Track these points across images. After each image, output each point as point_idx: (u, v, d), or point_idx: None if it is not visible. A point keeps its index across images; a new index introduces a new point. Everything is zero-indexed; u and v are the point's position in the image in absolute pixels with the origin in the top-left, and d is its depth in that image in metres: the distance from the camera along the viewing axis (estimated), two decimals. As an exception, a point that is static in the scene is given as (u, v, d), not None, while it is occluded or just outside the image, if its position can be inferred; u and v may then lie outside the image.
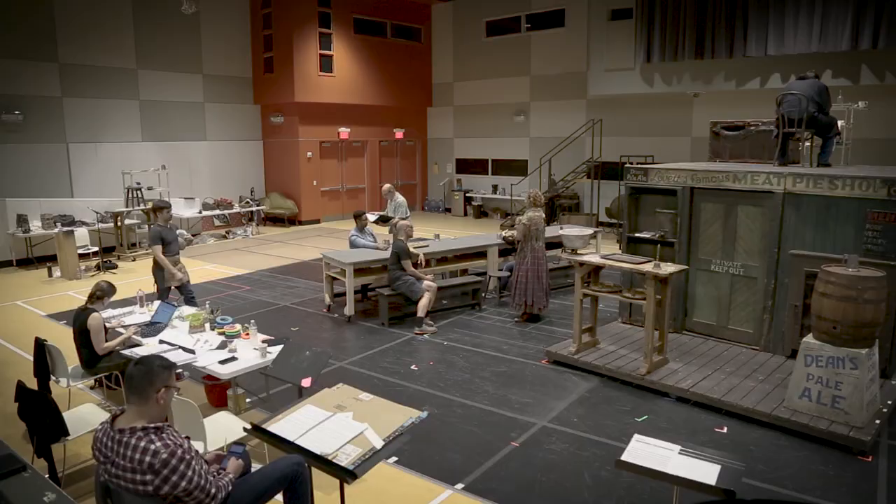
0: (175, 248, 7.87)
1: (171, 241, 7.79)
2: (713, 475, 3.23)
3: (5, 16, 13.13)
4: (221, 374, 5.07)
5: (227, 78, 17.53)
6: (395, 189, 10.99)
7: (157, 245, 7.64)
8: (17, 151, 13.45)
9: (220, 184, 17.44)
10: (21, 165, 13.51)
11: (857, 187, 6.21)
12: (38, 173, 13.81)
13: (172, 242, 7.81)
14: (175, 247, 7.87)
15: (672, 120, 16.29)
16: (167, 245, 7.70)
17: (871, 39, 12.19)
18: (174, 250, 7.83)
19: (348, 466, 3.06)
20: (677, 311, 7.58)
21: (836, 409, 5.24)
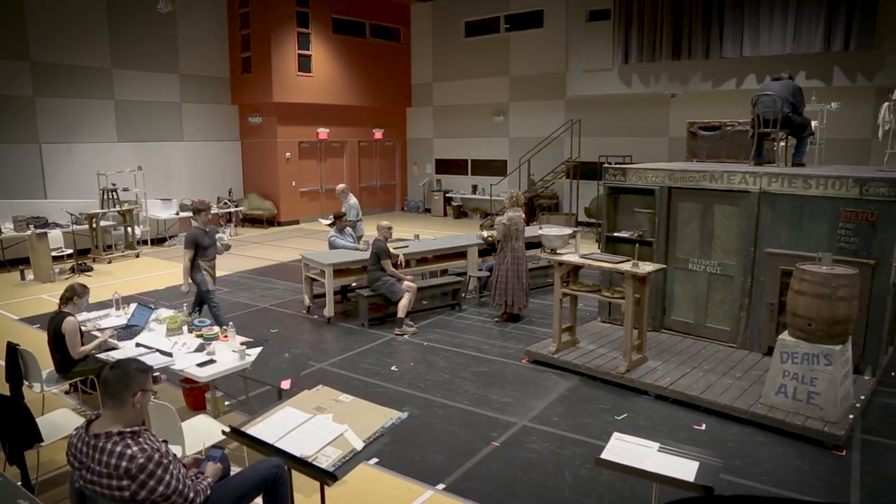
0: (212, 252, 7.57)
1: (208, 245, 7.52)
2: (692, 472, 3.26)
3: (-25, 14, 12.89)
4: (199, 377, 5.01)
5: (204, 78, 17.36)
6: (348, 190, 10.89)
7: (189, 250, 7.36)
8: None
9: (197, 185, 17.25)
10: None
11: (830, 186, 6.31)
12: (10, 174, 13.57)
13: (210, 247, 7.54)
14: (212, 252, 7.58)
15: (650, 120, 16.43)
16: (204, 249, 7.43)
17: (842, 41, 12.41)
18: (210, 255, 7.55)
19: (328, 468, 3.04)
20: (656, 310, 7.65)
21: (811, 405, 5.32)
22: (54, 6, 14.00)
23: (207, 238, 7.52)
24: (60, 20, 14.14)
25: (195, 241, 7.38)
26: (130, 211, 13.96)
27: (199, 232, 7.46)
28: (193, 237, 7.40)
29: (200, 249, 7.43)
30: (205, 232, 7.52)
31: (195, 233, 7.43)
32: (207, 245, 7.49)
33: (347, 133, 19.79)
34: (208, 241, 7.52)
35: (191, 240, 7.39)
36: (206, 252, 7.49)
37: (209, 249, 7.51)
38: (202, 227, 7.51)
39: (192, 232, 7.48)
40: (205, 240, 7.46)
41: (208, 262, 7.51)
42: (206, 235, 7.50)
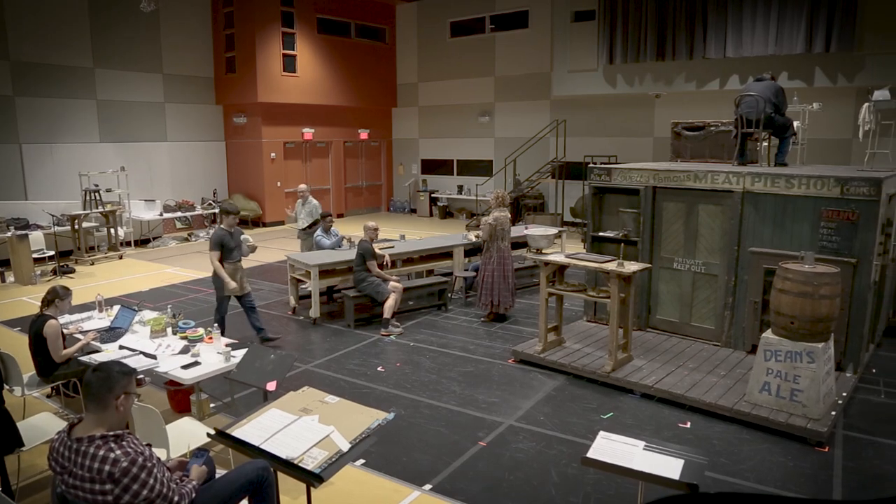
0: (237, 255, 7.42)
1: (234, 247, 7.36)
2: (677, 470, 3.28)
3: (-46, 13, 12.72)
4: (184, 380, 4.97)
5: (188, 78, 17.24)
6: (309, 192, 10.66)
7: (215, 251, 7.22)
8: (-32, 153, 13.04)
9: (181, 185, 17.13)
10: (-28, 167, 13.10)
11: (812, 186, 6.37)
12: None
13: (234, 249, 7.37)
14: (237, 254, 7.42)
15: (634, 120, 16.52)
16: (229, 251, 7.28)
17: (824, 43, 12.56)
18: (235, 257, 7.39)
19: (314, 470, 3.03)
20: (641, 309, 7.69)
21: (795, 402, 5.38)
22: (34, 4, 13.84)
23: (232, 240, 7.36)
24: (41, 19, 13.99)
25: (220, 241, 7.22)
26: (113, 212, 13.82)
27: (224, 233, 7.27)
28: (218, 238, 7.24)
29: (225, 251, 7.27)
30: (230, 234, 7.33)
31: (220, 233, 7.26)
32: (232, 247, 7.34)
33: (333, 133, 19.73)
34: (233, 243, 7.37)
35: (216, 241, 7.24)
36: (231, 254, 7.33)
37: (234, 252, 7.36)
38: (227, 229, 7.32)
39: (216, 233, 7.31)
40: (230, 241, 7.31)
41: (233, 264, 7.35)
42: (231, 237, 7.33)
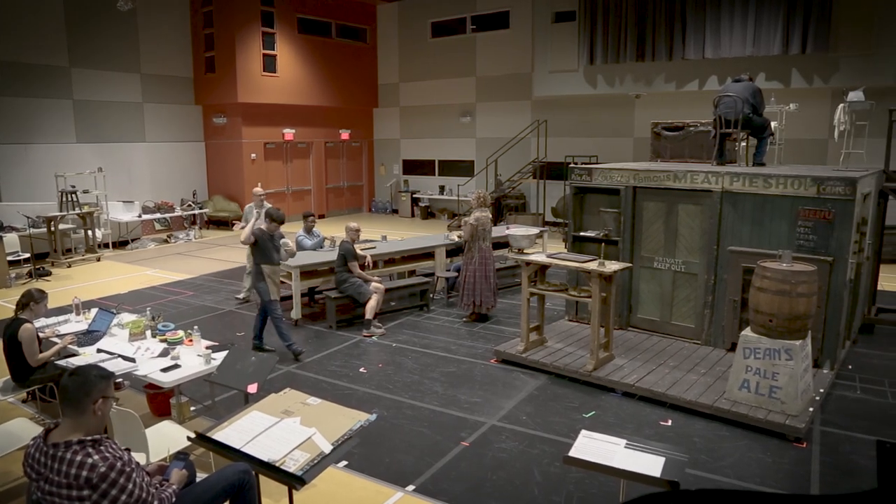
0: (276, 258, 7.30)
1: (273, 249, 7.26)
2: (658, 467, 3.31)
3: (-75, 11, 12.47)
4: (164, 383, 4.92)
5: (167, 77, 17.05)
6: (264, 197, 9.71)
7: (250, 237, 7.22)
8: (-59, 154, 12.79)
9: (160, 186, 16.94)
10: (-55, 168, 12.85)
11: (789, 186, 6.46)
12: (-36, 176, 13.17)
13: (274, 252, 7.27)
14: (277, 257, 7.30)
15: (615, 120, 16.63)
16: (268, 253, 7.18)
17: (800, 45, 12.74)
18: (275, 260, 7.27)
19: (296, 472, 3.02)
20: (622, 308, 7.74)
21: (773, 399, 5.44)
22: (8, 1, 13.60)
23: (272, 242, 7.25)
24: (14, 16, 13.74)
25: (254, 236, 7.21)
26: (91, 213, 13.63)
27: (264, 234, 7.20)
28: (257, 233, 7.22)
29: (263, 253, 7.17)
30: (270, 236, 7.24)
31: (258, 232, 7.22)
32: (271, 249, 7.24)
33: (314, 134, 19.63)
34: (272, 244, 7.25)
35: (255, 234, 7.24)
36: (270, 257, 7.22)
37: (273, 254, 7.25)
38: (268, 231, 7.24)
39: (257, 230, 7.28)
40: (266, 242, 7.21)
41: (271, 266, 7.23)
42: (270, 239, 7.24)
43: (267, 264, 7.22)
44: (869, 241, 7.47)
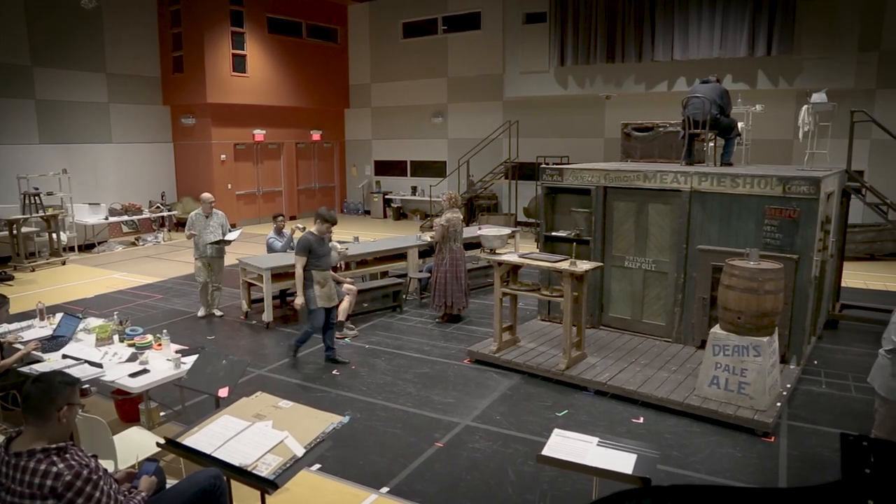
0: (326, 263, 6.97)
1: (323, 254, 6.90)
2: (630, 464, 3.34)
3: None
4: (132, 388, 4.83)
5: (134, 77, 16.76)
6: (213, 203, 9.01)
7: (301, 257, 6.77)
8: None
9: (127, 188, 16.64)
10: None
11: (756, 185, 6.57)
12: (-78, 179, 12.79)
13: (324, 257, 6.92)
14: (325, 262, 6.96)
15: (586, 121, 16.78)
16: (317, 259, 6.82)
17: (765, 47, 13.00)
18: (324, 266, 6.94)
19: (268, 476, 2.98)
20: (594, 307, 7.80)
21: (742, 395, 5.53)
22: (-32, 1, 13.27)
23: (322, 247, 6.92)
24: (-25, 16, 13.41)
25: (307, 247, 6.77)
26: (55, 216, 13.33)
27: (314, 238, 6.84)
28: (306, 243, 6.79)
29: (314, 258, 6.82)
30: (321, 239, 6.90)
31: (308, 238, 6.82)
32: (321, 254, 6.89)
33: (284, 135, 19.47)
34: (323, 249, 6.92)
35: (303, 245, 6.79)
36: (320, 262, 6.87)
37: (323, 259, 6.91)
38: (318, 235, 6.88)
39: (304, 237, 6.88)
40: (319, 248, 6.86)
41: (321, 273, 6.89)
42: (321, 243, 6.89)
43: (318, 270, 6.85)
44: (833, 239, 7.64)
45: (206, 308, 9.11)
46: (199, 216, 8.82)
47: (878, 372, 4.14)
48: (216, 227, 8.85)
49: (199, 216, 8.82)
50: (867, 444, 1.66)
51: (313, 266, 6.84)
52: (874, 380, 4.15)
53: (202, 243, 8.77)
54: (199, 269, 8.90)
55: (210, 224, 8.81)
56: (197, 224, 8.79)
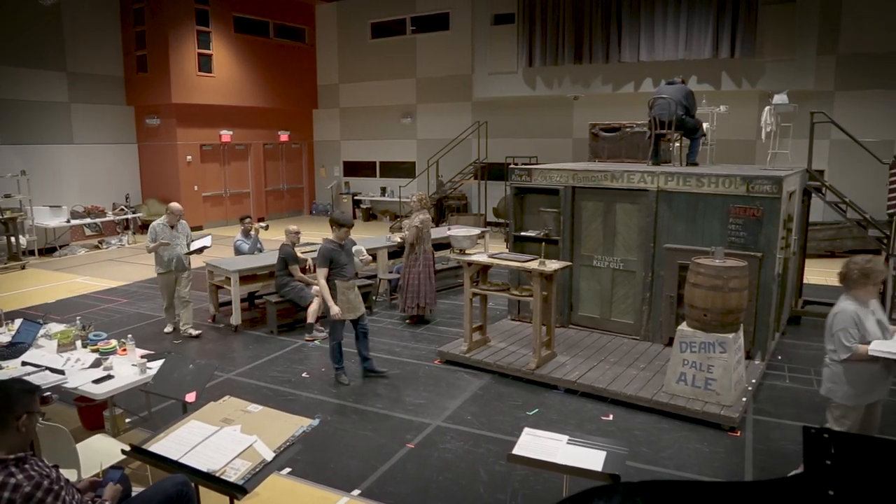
0: (350, 271, 6.54)
1: (346, 263, 6.50)
2: (599, 462, 3.37)
3: None
4: (96, 395, 4.72)
5: (96, 77, 16.40)
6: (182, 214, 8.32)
7: (322, 268, 6.38)
8: None
9: (90, 190, 16.27)
10: None
11: (720, 184, 6.69)
12: None
13: (347, 265, 6.51)
14: (350, 270, 6.54)
15: (554, 122, 16.90)
16: (340, 268, 6.43)
17: (729, 49, 13.27)
18: (349, 274, 6.52)
19: (237, 482, 2.95)
20: (563, 307, 7.86)
21: (709, 391, 5.62)
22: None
23: (344, 254, 6.52)
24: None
25: (328, 257, 6.38)
26: (14, 219, 12.99)
27: (334, 246, 6.45)
28: (326, 253, 6.40)
29: (336, 268, 6.44)
30: (340, 247, 6.50)
31: (327, 247, 6.44)
32: (344, 262, 6.49)
33: (252, 135, 19.24)
34: (345, 257, 6.52)
35: (323, 256, 6.40)
36: (343, 270, 6.47)
37: (346, 268, 6.50)
38: (337, 242, 6.49)
39: (324, 247, 6.48)
40: (341, 256, 6.47)
41: (346, 281, 6.49)
42: (342, 251, 6.50)
43: (341, 279, 6.46)
44: (795, 237, 7.81)
45: (174, 323, 8.39)
46: (164, 227, 7.98)
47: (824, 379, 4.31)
48: (183, 237, 8.15)
49: (164, 227, 7.98)
50: (828, 436, 1.69)
51: (336, 276, 6.45)
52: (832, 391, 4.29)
53: (168, 256, 7.99)
54: (165, 286, 8.13)
55: (177, 235, 8.06)
56: (162, 235, 7.93)
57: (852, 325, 4.10)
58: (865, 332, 4.11)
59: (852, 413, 4.22)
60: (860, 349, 4.06)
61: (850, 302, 4.19)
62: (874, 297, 4.28)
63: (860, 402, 4.19)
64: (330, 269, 6.41)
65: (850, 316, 4.11)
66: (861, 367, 4.11)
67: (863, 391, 4.17)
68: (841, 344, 4.10)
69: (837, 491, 1.65)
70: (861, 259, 4.25)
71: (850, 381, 4.14)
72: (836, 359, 4.15)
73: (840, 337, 4.11)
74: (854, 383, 4.14)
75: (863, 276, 4.14)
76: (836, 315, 4.18)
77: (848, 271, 4.21)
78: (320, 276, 6.42)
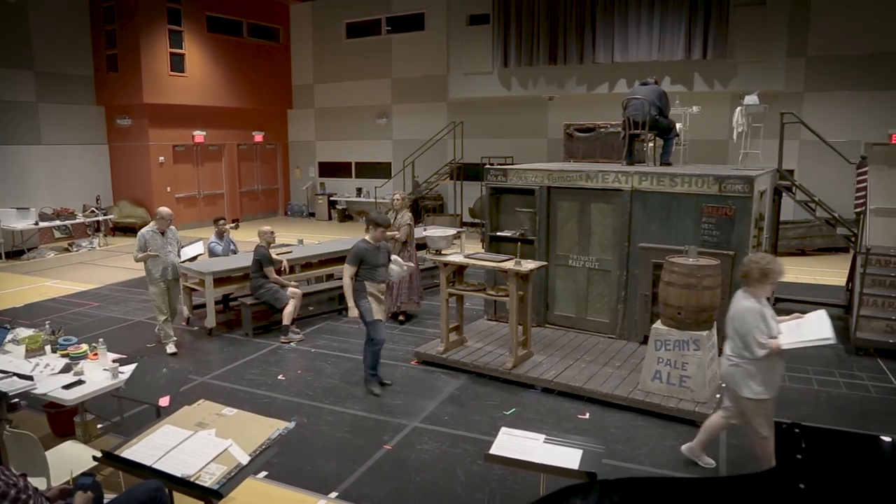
0: (383, 274, 6.30)
1: (378, 264, 6.24)
2: (576, 460, 3.39)
3: None
4: (66, 401, 4.64)
5: (65, 76, 16.09)
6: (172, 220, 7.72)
7: (351, 266, 6.14)
8: None
9: (59, 192, 15.95)
10: None
11: (693, 184, 6.77)
12: None
13: (379, 268, 6.25)
14: (383, 273, 6.30)
15: (529, 122, 16.98)
16: (372, 269, 6.18)
17: (701, 51, 13.47)
18: (380, 277, 6.27)
19: (213, 486, 2.92)
20: (539, 306, 7.89)
21: (684, 388, 5.69)
22: None
23: (379, 256, 6.27)
24: None
25: (360, 256, 6.15)
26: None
27: (368, 247, 6.20)
28: (358, 252, 6.16)
29: (367, 269, 6.19)
30: (376, 248, 6.25)
31: (361, 247, 6.19)
32: (375, 264, 6.23)
33: (226, 136, 19.04)
34: (380, 259, 6.27)
35: (355, 254, 6.16)
36: (375, 273, 6.22)
37: (379, 270, 6.25)
38: (373, 244, 6.25)
39: (358, 246, 6.22)
40: (375, 257, 6.21)
41: (376, 284, 6.27)
42: (376, 252, 6.25)
43: (371, 282, 6.24)
44: (766, 236, 7.94)
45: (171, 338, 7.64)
46: (154, 234, 7.39)
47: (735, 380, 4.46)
48: (174, 244, 7.64)
49: (154, 234, 7.39)
50: (799, 430, 1.72)
51: (366, 277, 6.21)
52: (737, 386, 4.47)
53: (163, 265, 7.45)
54: (159, 295, 7.50)
55: (168, 242, 7.51)
56: (152, 243, 7.36)
57: (762, 322, 4.29)
58: (770, 327, 4.31)
59: (768, 405, 4.44)
60: (774, 344, 4.25)
61: (752, 300, 4.37)
62: (769, 294, 4.46)
63: (773, 394, 4.43)
64: (360, 269, 6.19)
65: (757, 313, 4.30)
66: (772, 362, 4.33)
67: (774, 383, 4.41)
68: (757, 342, 4.27)
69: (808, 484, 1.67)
70: (761, 258, 4.43)
71: (765, 376, 4.35)
72: (751, 357, 4.31)
73: (755, 335, 4.27)
74: (768, 377, 4.36)
75: (762, 276, 4.32)
76: (744, 314, 4.34)
77: (749, 270, 4.38)
78: (346, 275, 6.20)
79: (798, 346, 4.25)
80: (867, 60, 13.45)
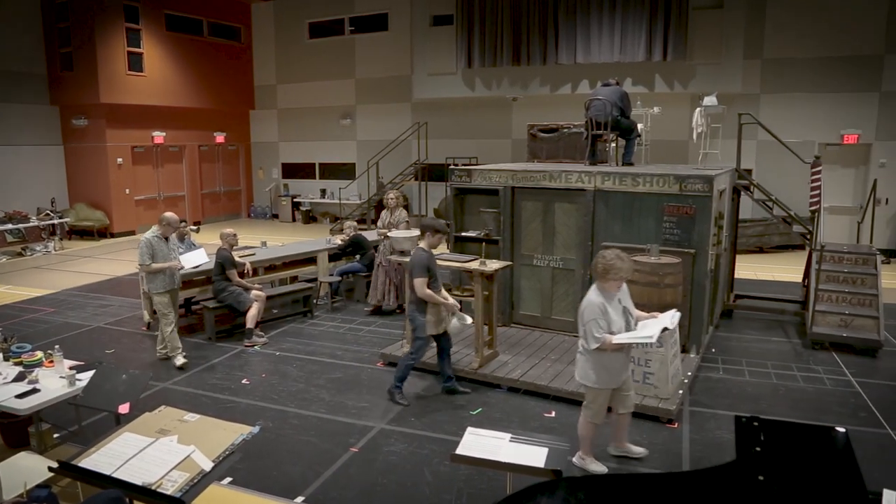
0: (437, 284, 5.96)
1: (436, 274, 5.92)
2: (542, 458, 3.41)
3: None
4: (19, 410, 4.49)
5: (14, 74, 15.60)
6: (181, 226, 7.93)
7: (422, 278, 5.71)
8: None
9: (11, 194, 15.45)
10: None
11: (655, 184, 6.88)
12: None
13: (437, 275, 5.94)
14: (437, 283, 5.96)
15: (493, 122, 17.05)
16: (434, 280, 5.85)
17: (661, 53, 13.70)
18: (438, 285, 5.98)
19: (175, 494, 2.86)
20: (505, 306, 7.93)
21: (647, 384, 5.77)
22: None
23: (436, 264, 6.00)
24: None
25: (425, 265, 5.75)
26: (-71, 226, 12.25)
27: (427, 255, 5.85)
28: (424, 261, 5.77)
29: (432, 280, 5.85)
30: (432, 255, 5.95)
31: (423, 255, 5.81)
32: (435, 274, 5.91)
33: (186, 137, 18.70)
34: (436, 268, 5.97)
35: (421, 265, 5.74)
36: (434, 284, 5.89)
37: (436, 279, 5.94)
38: (427, 251, 5.89)
39: (419, 254, 5.83)
40: (435, 266, 5.94)
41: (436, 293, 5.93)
42: (434, 260, 5.96)
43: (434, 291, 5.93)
44: (726, 234, 8.10)
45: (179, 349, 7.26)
46: (160, 241, 6.97)
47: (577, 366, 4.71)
48: (175, 250, 7.32)
49: (160, 241, 6.97)
50: (758, 424, 1.76)
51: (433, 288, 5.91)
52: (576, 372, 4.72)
53: (170, 271, 7.08)
54: (167, 304, 7.06)
55: (172, 248, 7.18)
56: (159, 251, 6.96)
57: (600, 317, 4.45)
58: (610, 322, 4.47)
59: (600, 396, 4.65)
60: (607, 339, 4.41)
61: (598, 294, 4.54)
62: (619, 288, 4.62)
63: (607, 385, 4.62)
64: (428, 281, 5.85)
65: (597, 308, 4.47)
66: (608, 355, 4.51)
67: (610, 376, 4.59)
68: (591, 335, 4.44)
69: (766, 476, 1.71)
70: (608, 255, 4.58)
71: (599, 367, 4.54)
72: (588, 348, 4.49)
73: (591, 328, 4.44)
74: (603, 369, 4.55)
75: (605, 272, 4.51)
76: (585, 307, 4.52)
77: (594, 265, 4.58)
78: (421, 286, 5.76)
79: (629, 342, 4.49)
80: (821, 63, 13.84)
